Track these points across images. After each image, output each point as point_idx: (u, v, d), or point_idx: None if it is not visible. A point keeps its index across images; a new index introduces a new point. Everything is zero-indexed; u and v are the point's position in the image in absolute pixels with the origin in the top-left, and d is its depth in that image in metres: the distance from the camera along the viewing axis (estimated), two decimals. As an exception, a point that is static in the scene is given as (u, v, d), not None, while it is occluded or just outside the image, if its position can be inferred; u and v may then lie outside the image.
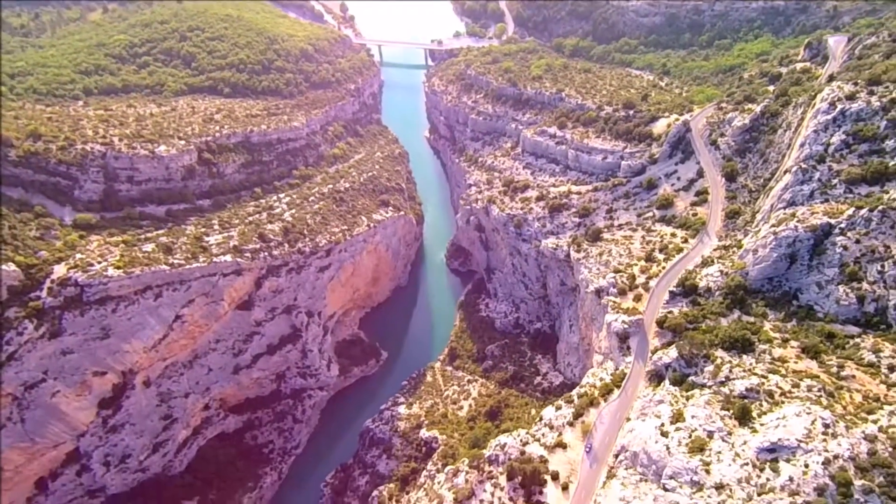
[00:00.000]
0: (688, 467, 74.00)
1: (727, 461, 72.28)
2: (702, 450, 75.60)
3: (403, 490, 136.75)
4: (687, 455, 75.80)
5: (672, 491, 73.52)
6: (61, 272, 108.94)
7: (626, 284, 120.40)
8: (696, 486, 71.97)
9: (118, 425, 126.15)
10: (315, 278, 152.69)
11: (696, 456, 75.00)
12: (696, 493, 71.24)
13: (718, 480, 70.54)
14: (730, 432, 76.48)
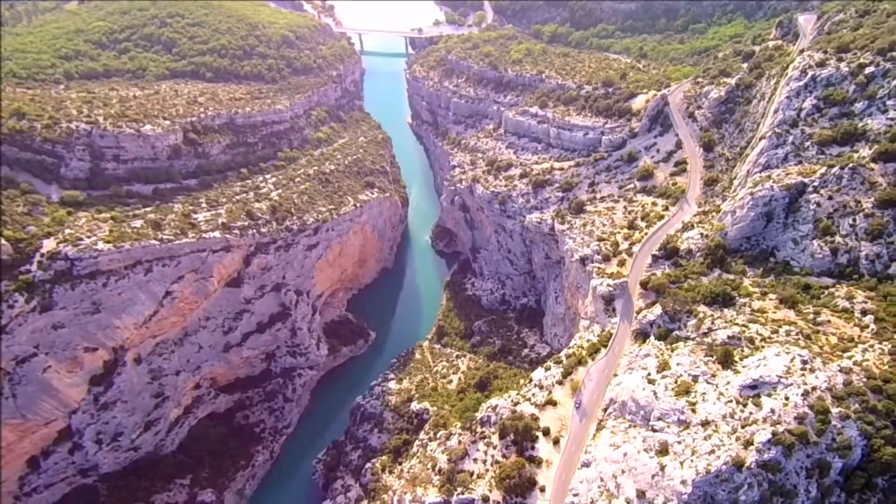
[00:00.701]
0: (675, 408, 76.86)
1: (712, 400, 75.20)
2: (687, 392, 78.47)
3: (396, 461, 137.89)
4: (673, 398, 78.66)
5: (660, 431, 76.32)
6: (51, 246, 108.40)
7: (610, 251, 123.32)
8: (683, 425, 74.82)
9: (110, 403, 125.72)
10: (303, 256, 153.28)
11: (682, 398, 77.89)
12: (683, 431, 74.10)
13: (704, 418, 73.44)
14: (713, 375, 79.46)
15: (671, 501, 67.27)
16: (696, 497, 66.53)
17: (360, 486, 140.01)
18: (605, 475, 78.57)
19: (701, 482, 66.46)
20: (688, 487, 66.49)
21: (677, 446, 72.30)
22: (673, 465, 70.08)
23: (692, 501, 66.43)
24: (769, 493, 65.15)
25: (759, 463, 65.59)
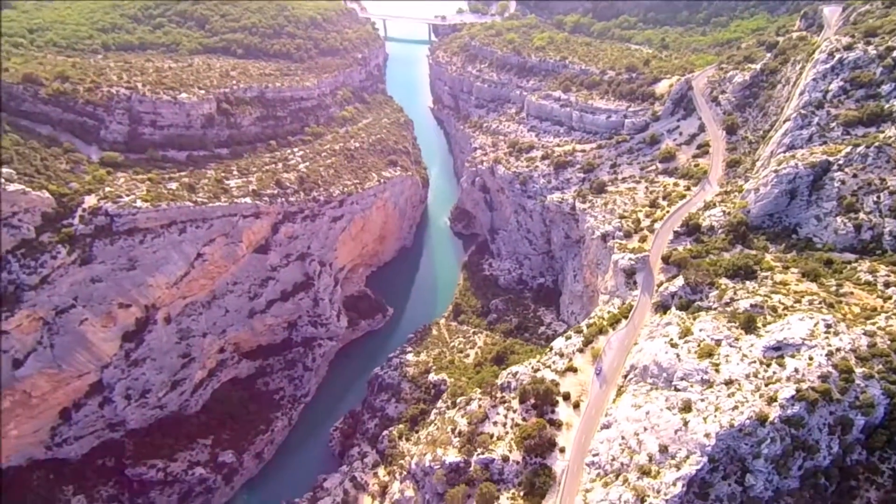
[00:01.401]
0: (698, 368, 77.65)
1: (735, 361, 75.94)
2: (710, 355, 79.18)
3: (413, 429, 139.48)
4: (696, 359, 79.42)
5: (683, 391, 77.17)
6: (92, 202, 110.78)
7: (632, 228, 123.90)
8: (706, 384, 75.63)
9: (140, 359, 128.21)
10: (328, 228, 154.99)
11: (705, 360, 78.64)
12: (706, 389, 74.94)
13: (727, 377, 74.24)
14: (737, 339, 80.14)
15: (694, 454, 68.23)
16: (719, 450, 67.50)
17: (377, 452, 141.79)
18: (626, 434, 79.54)
19: (724, 435, 67.43)
20: (711, 440, 67.44)
21: (700, 404, 73.25)
22: (696, 420, 71.04)
23: (715, 454, 67.40)
24: (791, 448, 66.02)
25: (782, 418, 66.44)
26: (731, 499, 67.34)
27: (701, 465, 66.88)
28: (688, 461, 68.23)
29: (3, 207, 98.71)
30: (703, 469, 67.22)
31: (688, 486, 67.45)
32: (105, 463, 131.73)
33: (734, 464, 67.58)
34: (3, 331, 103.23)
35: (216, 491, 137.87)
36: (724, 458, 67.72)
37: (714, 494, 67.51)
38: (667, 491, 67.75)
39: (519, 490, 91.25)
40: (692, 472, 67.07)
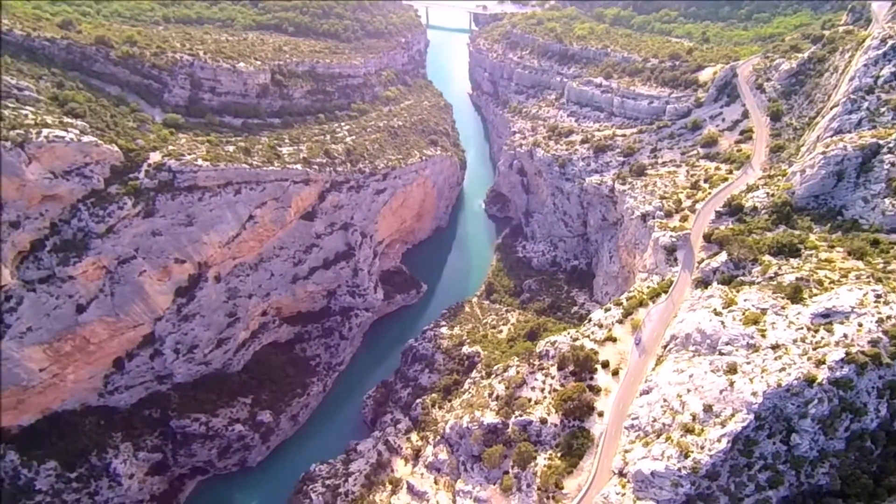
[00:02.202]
0: (744, 333, 77.84)
1: (782, 328, 76.00)
2: (756, 322, 79.24)
3: (446, 398, 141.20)
4: (742, 326, 79.61)
5: (728, 355, 77.50)
6: (157, 159, 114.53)
7: (673, 208, 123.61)
8: (751, 349, 75.85)
9: (190, 315, 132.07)
10: (371, 200, 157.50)
11: (751, 326, 78.81)
12: (752, 353, 75.16)
13: (774, 342, 74.32)
14: (783, 307, 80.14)
15: (740, 412, 68.61)
16: (765, 408, 67.80)
17: (410, 419, 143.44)
18: (668, 396, 79.90)
19: (771, 394, 67.72)
20: (758, 398, 67.72)
21: (746, 366, 73.48)
22: (742, 381, 71.35)
23: (762, 412, 67.73)
24: (839, 409, 66.15)
25: (830, 380, 66.51)
26: (776, 457, 67.78)
27: (747, 422, 67.22)
28: (733, 419, 68.65)
29: (77, 157, 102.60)
30: (749, 427, 67.62)
31: (732, 443, 67.96)
32: (151, 414, 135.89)
33: (780, 423, 67.90)
34: (70, 276, 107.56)
35: (253, 449, 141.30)
36: (770, 417, 68.08)
37: (758, 452, 67.96)
38: (711, 447, 68.33)
39: (556, 451, 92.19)
40: (737, 429, 67.49)
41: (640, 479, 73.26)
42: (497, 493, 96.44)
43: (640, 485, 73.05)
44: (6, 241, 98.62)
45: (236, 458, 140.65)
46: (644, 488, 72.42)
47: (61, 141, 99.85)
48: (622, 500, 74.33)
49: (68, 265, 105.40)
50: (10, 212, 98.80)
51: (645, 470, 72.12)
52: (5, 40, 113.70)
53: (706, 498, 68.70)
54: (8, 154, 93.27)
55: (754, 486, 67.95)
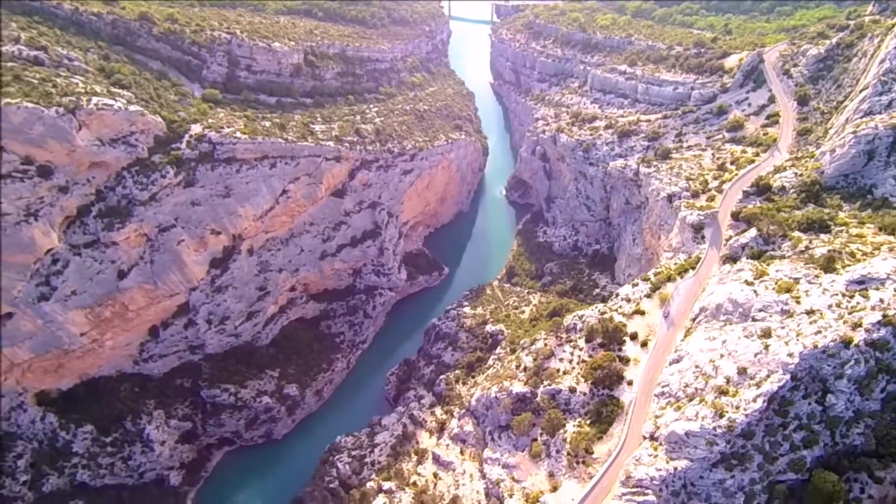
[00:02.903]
0: (777, 300, 78.45)
1: (816, 295, 76.55)
2: (789, 290, 79.80)
3: (470, 375, 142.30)
4: (775, 293, 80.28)
5: (761, 321, 78.17)
6: (197, 130, 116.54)
7: (699, 188, 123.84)
8: (786, 314, 76.46)
9: (223, 287, 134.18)
10: (398, 180, 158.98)
11: (784, 294, 79.45)
12: (786, 319, 75.82)
13: (809, 307, 74.95)
14: (816, 276, 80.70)
15: (775, 373, 69.37)
16: (801, 369, 68.51)
17: (433, 395, 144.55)
18: (700, 362, 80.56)
19: (808, 355, 68.40)
20: (794, 359, 68.33)
21: (781, 331, 74.14)
22: (777, 344, 71.99)
23: (798, 372, 68.46)
24: (875, 370, 66.74)
25: (867, 341, 67.09)
26: (811, 417, 68.57)
27: (783, 382, 67.95)
28: (769, 380, 69.31)
29: (123, 126, 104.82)
30: (785, 387, 68.38)
31: (768, 403, 68.78)
32: (183, 383, 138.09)
33: (815, 383, 68.65)
34: (113, 242, 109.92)
35: (279, 421, 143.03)
36: (806, 378, 68.84)
37: (793, 412, 68.77)
38: (746, 407, 69.09)
39: (585, 419, 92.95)
40: (773, 389, 68.23)
41: (673, 441, 74.08)
42: (526, 460, 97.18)
43: (674, 446, 73.82)
44: (55, 204, 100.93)
45: (262, 430, 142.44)
46: (677, 449, 73.21)
47: (110, 109, 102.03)
48: (654, 461, 75.18)
49: (112, 231, 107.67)
50: (60, 177, 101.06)
51: (679, 430, 72.94)
52: (55, 14, 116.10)
53: (741, 457, 69.63)
54: (60, 119, 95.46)
55: (789, 446, 68.83)
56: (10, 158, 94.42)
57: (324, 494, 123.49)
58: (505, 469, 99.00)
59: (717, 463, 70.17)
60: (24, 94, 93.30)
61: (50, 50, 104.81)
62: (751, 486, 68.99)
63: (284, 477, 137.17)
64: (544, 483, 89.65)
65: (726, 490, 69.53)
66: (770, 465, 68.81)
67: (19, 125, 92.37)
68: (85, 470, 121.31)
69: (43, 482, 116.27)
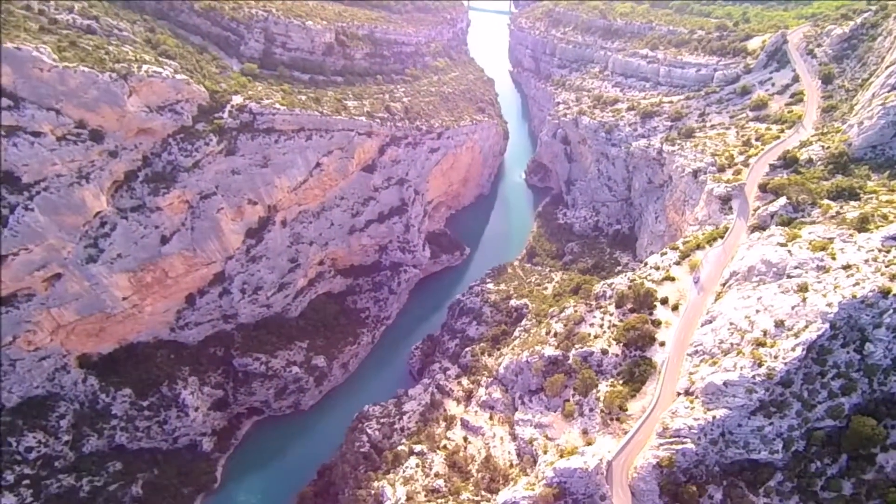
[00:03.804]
0: (813, 258, 79.58)
1: (851, 252, 77.64)
2: (824, 248, 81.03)
3: (495, 347, 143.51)
4: (810, 251, 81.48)
5: (797, 277, 79.41)
6: (238, 101, 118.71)
7: (725, 163, 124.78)
8: (822, 270, 77.65)
9: (257, 257, 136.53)
10: (425, 158, 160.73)
11: (819, 252, 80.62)
12: (822, 274, 77.05)
13: (845, 263, 76.12)
14: (851, 235, 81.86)
15: (814, 323, 70.70)
16: (840, 318, 69.68)
17: (459, 366, 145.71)
18: (735, 319, 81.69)
19: (846, 305, 69.59)
20: (833, 308, 69.59)
21: (817, 285, 75.36)
22: (815, 297, 73.24)
23: (836, 321, 69.74)
24: (913, 319, 68.01)
25: (905, 291, 68.43)
26: (849, 366, 69.85)
27: (822, 331, 69.26)
28: (807, 329, 70.77)
29: (170, 93, 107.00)
30: (824, 336, 69.68)
31: (806, 352, 70.13)
32: (216, 352, 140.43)
33: (854, 332, 69.85)
34: (158, 207, 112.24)
35: (307, 392, 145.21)
36: (845, 327, 70.08)
37: (832, 361, 70.10)
38: (785, 356, 70.45)
39: (618, 379, 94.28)
40: (812, 338, 69.54)
41: (710, 392, 75.47)
42: (559, 419, 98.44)
43: (711, 397, 75.19)
44: (105, 168, 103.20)
45: (290, 401, 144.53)
46: (715, 399, 74.56)
47: (158, 77, 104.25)
48: (691, 412, 76.56)
49: (158, 196, 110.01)
50: (110, 142, 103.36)
51: (717, 381, 74.35)
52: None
53: (779, 404, 71.06)
54: (113, 84, 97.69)
55: (827, 393, 70.21)
56: (65, 121, 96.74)
57: (356, 457, 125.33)
58: (538, 428, 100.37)
59: (756, 410, 71.62)
60: (80, 59, 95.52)
61: (101, 20, 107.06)
62: (789, 433, 70.48)
63: (312, 446, 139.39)
64: (578, 440, 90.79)
65: (765, 437, 71.00)
66: (808, 412, 70.23)
67: (75, 88, 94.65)
68: (123, 432, 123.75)
69: (83, 442, 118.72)
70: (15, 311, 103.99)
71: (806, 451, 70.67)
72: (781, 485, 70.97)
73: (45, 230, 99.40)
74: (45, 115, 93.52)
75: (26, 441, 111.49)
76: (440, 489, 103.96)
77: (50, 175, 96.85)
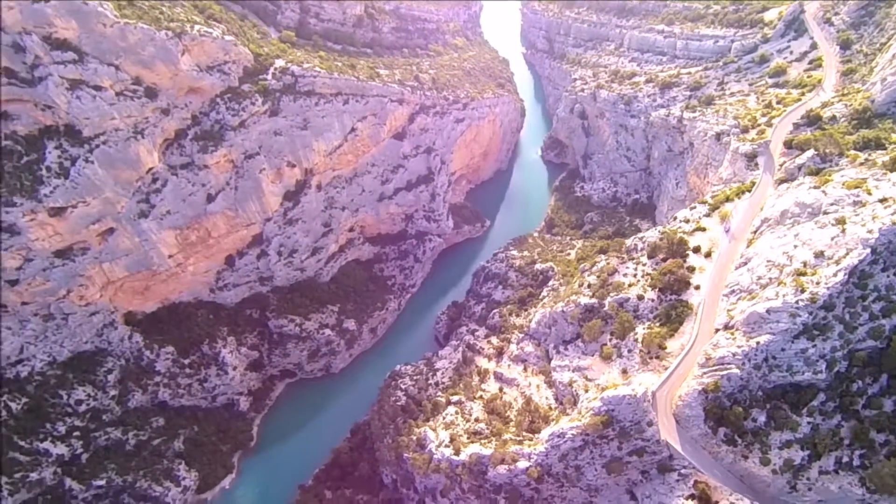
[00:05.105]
0: (849, 194, 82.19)
1: (886, 188, 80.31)
2: (858, 186, 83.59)
3: (522, 308, 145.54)
4: (844, 189, 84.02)
5: (834, 213, 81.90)
6: (281, 64, 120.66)
7: (749, 124, 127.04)
8: (858, 205, 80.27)
9: (294, 219, 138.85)
10: (451, 128, 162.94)
11: (854, 189, 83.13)
12: (859, 208, 79.63)
13: (881, 197, 78.71)
14: (884, 174, 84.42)
15: (854, 249, 73.18)
16: (881, 243, 72.17)
17: (487, 328, 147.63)
18: (772, 257, 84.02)
19: (887, 231, 72.07)
20: (874, 234, 72.11)
21: (855, 217, 77.96)
22: (854, 227, 75.85)
23: (877, 246, 72.27)
24: (951, 242, 70.59)
25: (944, 217, 70.92)
26: (889, 288, 72.42)
27: (863, 256, 71.79)
28: (848, 256, 73.35)
29: (218, 54, 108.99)
30: (865, 260, 72.25)
31: (848, 276, 72.75)
32: (252, 314, 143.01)
33: (894, 257, 72.56)
34: (205, 165, 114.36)
35: (338, 354, 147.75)
36: (885, 252, 72.64)
37: (872, 284, 72.67)
38: (828, 281, 73.00)
39: (655, 321, 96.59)
40: (854, 263, 72.05)
41: (752, 322, 77.86)
42: (597, 362, 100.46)
43: (753, 326, 77.58)
44: (158, 125, 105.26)
45: (322, 363, 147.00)
46: (757, 328, 76.94)
47: (209, 37, 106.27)
48: (733, 342, 78.93)
49: (206, 153, 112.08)
50: (163, 99, 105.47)
51: (760, 310, 76.78)
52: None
53: (822, 327, 73.66)
54: (169, 42, 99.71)
55: (868, 316, 72.82)
56: (123, 77, 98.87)
57: (393, 409, 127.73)
58: (576, 372, 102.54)
59: (799, 334, 74.17)
60: (137, 17, 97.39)
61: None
62: (832, 354, 73.08)
63: (344, 406, 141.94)
64: (618, 379, 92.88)
65: (808, 359, 73.62)
66: (850, 334, 72.83)
67: (134, 45, 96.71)
68: (166, 389, 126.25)
69: (129, 398, 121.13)
70: (71, 264, 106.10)
71: (848, 371, 73.36)
72: (824, 405, 73.70)
73: (102, 183, 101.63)
74: (105, 70, 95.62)
75: (76, 394, 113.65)
76: (482, 431, 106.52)
77: (108, 129, 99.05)
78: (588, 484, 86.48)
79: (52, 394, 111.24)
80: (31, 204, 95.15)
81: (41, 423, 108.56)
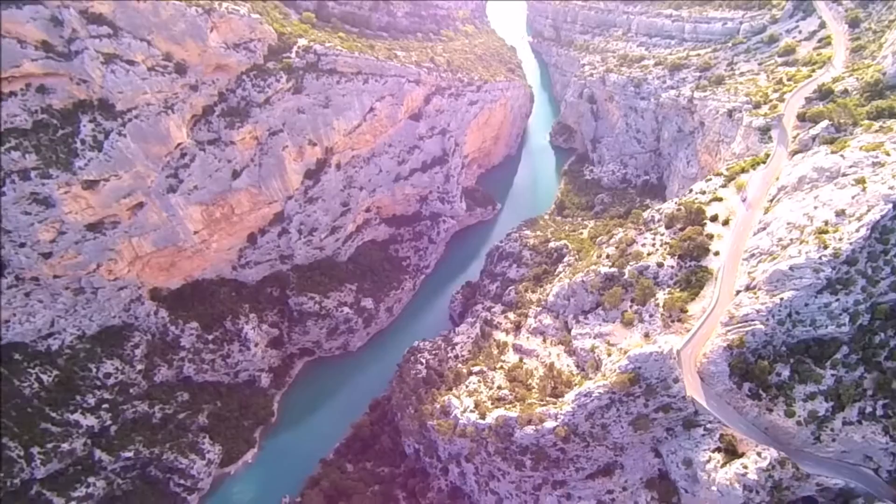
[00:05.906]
0: (867, 156, 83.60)
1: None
2: (876, 149, 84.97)
3: (538, 285, 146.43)
4: (863, 152, 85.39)
5: (853, 175, 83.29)
6: (304, 43, 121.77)
7: (760, 100, 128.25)
8: (878, 165, 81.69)
9: (314, 198, 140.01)
10: (465, 110, 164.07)
11: (873, 151, 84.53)
12: (878, 168, 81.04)
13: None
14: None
15: (876, 206, 74.67)
16: (903, 199, 73.83)
17: (503, 304, 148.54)
18: (792, 219, 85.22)
19: (908, 187, 73.79)
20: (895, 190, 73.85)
21: (875, 177, 79.38)
22: (874, 185, 77.33)
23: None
24: (973, 198, 71.95)
25: (963, 173, 72.36)
26: (910, 242, 73.93)
27: (885, 211, 73.25)
28: (870, 212, 74.78)
29: (245, 32, 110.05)
30: (887, 216, 73.65)
31: (870, 231, 74.15)
32: (272, 292, 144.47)
33: (915, 212, 74.01)
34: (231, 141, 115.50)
35: (356, 333, 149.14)
36: (906, 208, 74.18)
37: (894, 239, 74.18)
38: (850, 237, 74.45)
39: (675, 287, 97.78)
40: (876, 218, 73.45)
41: (775, 280, 79.16)
42: (619, 327, 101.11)
43: (776, 284, 78.78)
44: (186, 101, 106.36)
45: (340, 341, 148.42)
46: (780, 285, 78.20)
47: (236, 14, 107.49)
48: (756, 301, 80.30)
49: (233, 129, 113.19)
50: (191, 76, 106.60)
51: (783, 267, 78.15)
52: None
53: (845, 281, 75.10)
54: (199, 18, 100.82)
55: (890, 269, 74.25)
56: (155, 53, 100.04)
57: (415, 381, 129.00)
58: (598, 338, 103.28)
59: (823, 289, 75.59)
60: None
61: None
62: (854, 308, 74.54)
63: (363, 383, 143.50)
64: (641, 342, 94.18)
65: (831, 313, 75.11)
66: (873, 288, 74.30)
67: (166, 20, 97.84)
68: (190, 364, 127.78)
69: (155, 372, 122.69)
70: (102, 237, 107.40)
71: (870, 324, 74.81)
72: (847, 357, 75.14)
73: (134, 157, 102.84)
74: (138, 45, 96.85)
75: (105, 367, 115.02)
76: (506, 397, 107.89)
77: (140, 104, 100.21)
78: (614, 442, 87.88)
79: (82, 367, 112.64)
80: (66, 176, 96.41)
81: (71, 395, 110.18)
